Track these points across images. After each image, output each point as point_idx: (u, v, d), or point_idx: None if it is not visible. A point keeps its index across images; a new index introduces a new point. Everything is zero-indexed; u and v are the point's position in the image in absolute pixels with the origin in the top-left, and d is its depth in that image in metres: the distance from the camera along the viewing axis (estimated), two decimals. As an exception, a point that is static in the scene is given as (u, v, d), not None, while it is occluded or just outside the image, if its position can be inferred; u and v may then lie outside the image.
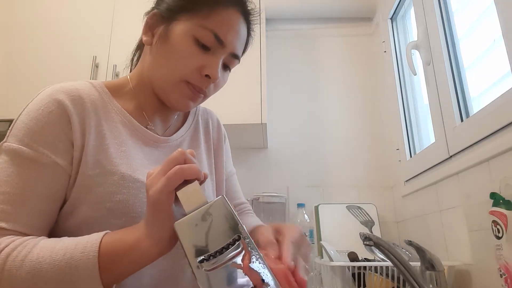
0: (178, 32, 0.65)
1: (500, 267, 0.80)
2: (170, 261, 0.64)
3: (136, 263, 0.50)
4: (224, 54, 0.67)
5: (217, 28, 0.64)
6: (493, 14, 0.96)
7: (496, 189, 0.88)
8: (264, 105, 1.56)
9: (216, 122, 0.88)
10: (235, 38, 0.67)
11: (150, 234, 0.48)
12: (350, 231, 1.52)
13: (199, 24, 0.64)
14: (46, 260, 0.49)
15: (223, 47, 0.66)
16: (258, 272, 0.44)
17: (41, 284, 0.48)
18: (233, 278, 0.45)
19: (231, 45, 0.67)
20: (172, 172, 0.46)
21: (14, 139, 0.58)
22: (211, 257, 0.44)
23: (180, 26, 0.65)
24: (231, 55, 0.68)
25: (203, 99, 0.71)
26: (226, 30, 0.65)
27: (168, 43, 0.66)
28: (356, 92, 1.91)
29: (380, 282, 1.06)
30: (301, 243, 0.55)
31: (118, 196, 0.60)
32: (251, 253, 0.45)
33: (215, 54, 0.66)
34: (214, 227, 0.46)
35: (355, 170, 1.79)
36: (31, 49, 1.71)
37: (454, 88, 1.17)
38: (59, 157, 0.58)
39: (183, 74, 0.65)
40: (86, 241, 0.50)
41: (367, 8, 1.95)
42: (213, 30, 0.64)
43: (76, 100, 0.62)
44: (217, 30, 0.64)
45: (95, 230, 0.53)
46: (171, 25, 0.66)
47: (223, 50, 0.66)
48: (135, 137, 0.68)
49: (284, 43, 2.01)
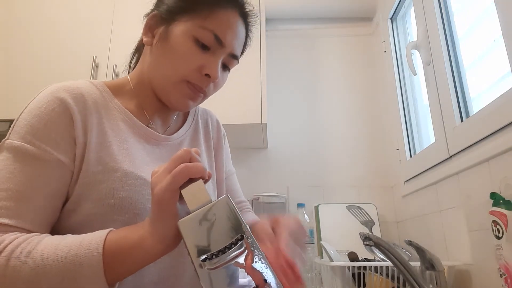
0: (178, 33, 0.66)
1: (500, 267, 0.81)
2: (172, 259, 0.64)
3: (140, 260, 0.50)
4: (224, 54, 0.68)
5: (217, 29, 0.66)
6: (493, 14, 0.96)
7: (496, 189, 0.88)
8: (264, 105, 1.56)
9: (216, 122, 0.89)
10: (234, 38, 0.68)
11: (154, 232, 0.49)
12: (350, 231, 1.52)
13: (199, 25, 0.65)
14: (51, 257, 0.49)
15: (223, 47, 0.67)
16: (260, 272, 0.44)
17: (45, 280, 0.48)
18: (235, 278, 0.45)
19: (230, 45, 0.68)
20: (177, 170, 0.46)
21: (17, 136, 0.58)
22: (214, 256, 0.44)
23: (180, 26, 0.66)
24: (230, 56, 0.70)
25: (203, 98, 0.72)
26: (225, 30, 0.66)
27: (168, 43, 0.67)
28: (356, 92, 1.91)
29: (380, 282, 1.06)
30: (298, 232, 0.56)
31: (121, 193, 0.60)
32: (254, 253, 0.45)
33: (215, 54, 0.67)
34: (218, 226, 0.46)
35: (355, 170, 1.79)
36: (31, 49, 1.71)
37: (454, 88, 1.17)
38: (61, 154, 0.59)
39: (183, 74, 0.66)
40: (91, 238, 0.50)
41: (367, 8, 1.95)
42: (212, 30, 0.65)
43: (78, 98, 0.63)
44: (217, 30, 0.66)
45: (98, 227, 0.53)
46: (171, 26, 0.67)
47: (222, 50, 0.67)
48: (137, 135, 0.69)
49: (284, 43, 2.01)
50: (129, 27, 0.74)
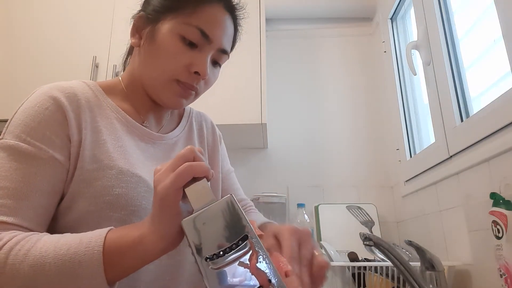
0: (164, 32, 0.66)
1: (500, 267, 0.81)
2: (169, 257, 0.64)
3: (140, 259, 0.49)
4: (212, 50, 0.68)
5: (203, 24, 0.65)
6: (493, 14, 0.96)
7: (496, 189, 0.88)
8: (264, 105, 1.56)
9: (210, 124, 0.89)
10: (221, 33, 0.68)
11: (155, 230, 0.48)
12: (350, 231, 1.52)
13: (184, 22, 0.65)
14: (50, 255, 0.48)
15: (210, 43, 0.67)
16: (265, 272, 0.44)
17: (43, 278, 0.48)
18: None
19: (218, 41, 0.68)
20: (181, 168, 0.46)
21: (11, 135, 0.58)
22: (218, 256, 0.44)
23: (166, 25, 0.66)
24: (219, 51, 0.69)
25: (195, 96, 0.72)
26: (211, 25, 0.66)
27: (155, 43, 0.67)
28: (356, 92, 1.91)
29: (380, 282, 1.06)
30: (303, 242, 0.52)
31: (117, 190, 0.60)
32: (258, 253, 0.45)
33: (203, 50, 0.67)
34: (222, 226, 0.46)
35: (355, 170, 1.79)
36: (31, 49, 1.71)
37: (454, 88, 1.17)
38: (57, 152, 0.59)
39: (172, 73, 0.66)
40: (91, 236, 0.50)
41: (367, 8, 1.95)
42: (198, 26, 0.65)
43: (71, 97, 0.63)
44: (203, 26, 0.65)
45: (94, 224, 0.53)
46: (157, 26, 0.67)
47: (210, 46, 0.67)
48: (131, 134, 0.69)
49: (284, 43, 2.01)
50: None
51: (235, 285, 0.44)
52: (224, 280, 0.44)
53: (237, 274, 0.45)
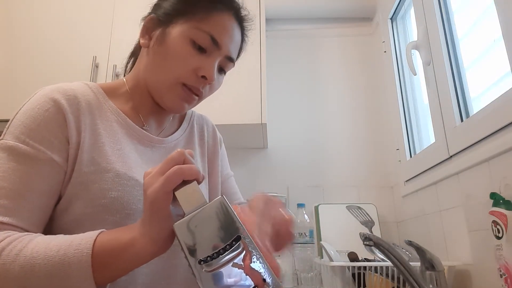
0: (175, 35, 0.67)
1: (500, 267, 0.80)
2: (164, 261, 0.64)
3: (130, 262, 0.49)
4: (220, 56, 0.69)
5: (213, 31, 0.67)
6: (493, 14, 0.96)
7: (496, 189, 0.88)
8: (264, 105, 1.56)
9: (211, 127, 0.89)
10: (230, 41, 0.69)
11: (146, 233, 0.48)
12: (350, 231, 1.51)
13: (196, 27, 0.66)
14: (40, 256, 0.49)
15: (219, 49, 0.68)
16: (259, 272, 0.44)
17: (33, 279, 0.48)
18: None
19: (226, 48, 0.69)
20: (171, 172, 0.46)
21: (11, 136, 0.59)
22: (212, 258, 0.44)
23: (177, 28, 0.67)
24: (226, 58, 0.70)
25: (198, 101, 0.73)
26: (221, 33, 0.68)
27: (165, 45, 0.67)
28: (356, 92, 1.91)
29: (380, 282, 1.06)
30: (270, 203, 0.55)
31: (113, 193, 0.60)
32: (252, 253, 0.45)
33: (211, 56, 0.68)
34: (214, 228, 0.46)
35: (355, 170, 1.79)
36: (31, 49, 1.71)
37: (454, 88, 1.17)
38: (55, 154, 0.59)
39: (179, 75, 0.67)
40: (81, 238, 0.50)
41: (367, 8, 1.95)
42: (209, 32, 0.66)
43: (71, 99, 0.64)
44: (213, 32, 0.67)
45: (90, 226, 0.53)
46: (168, 28, 0.68)
47: (218, 53, 0.68)
48: (130, 137, 0.69)
49: (284, 43, 2.01)
50: (129, 28, 0.74)
51: (230, 285, 0.44)
52: (219, 282, 0.44)
53: (232, 275, 0.45)
